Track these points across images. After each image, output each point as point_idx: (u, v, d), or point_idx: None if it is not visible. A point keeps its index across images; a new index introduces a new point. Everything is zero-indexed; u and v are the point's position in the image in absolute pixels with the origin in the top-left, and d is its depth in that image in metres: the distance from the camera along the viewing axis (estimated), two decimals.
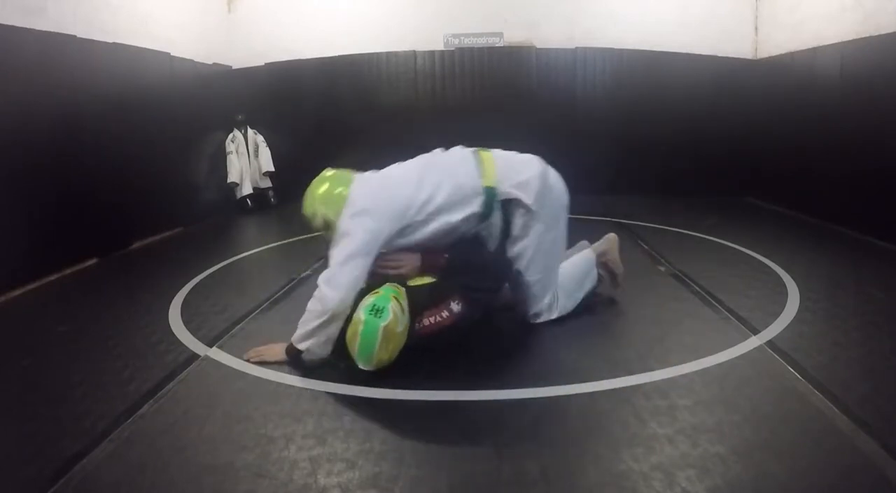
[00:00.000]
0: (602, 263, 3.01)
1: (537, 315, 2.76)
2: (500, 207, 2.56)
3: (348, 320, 2.28)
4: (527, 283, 2.67)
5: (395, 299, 2.24)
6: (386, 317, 2.16)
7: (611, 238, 3.09)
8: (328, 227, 2.48)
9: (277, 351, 2.44)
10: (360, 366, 2.23)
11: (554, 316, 2.77)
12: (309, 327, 2.30)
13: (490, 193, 2.52)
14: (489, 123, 6.68)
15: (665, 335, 2.64)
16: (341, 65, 6.67)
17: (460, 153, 2.69)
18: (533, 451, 1.76)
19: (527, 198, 2.55)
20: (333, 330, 2.30)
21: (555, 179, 2.69)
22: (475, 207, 2.50)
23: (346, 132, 6.72)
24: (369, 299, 2.22)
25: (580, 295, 2.88)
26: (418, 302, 2.35)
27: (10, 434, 1.99)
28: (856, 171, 4.61)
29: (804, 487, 1.59)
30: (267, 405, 2.08)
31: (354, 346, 2.20)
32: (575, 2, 6.61)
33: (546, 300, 2.75)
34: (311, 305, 2.33)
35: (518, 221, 2.60)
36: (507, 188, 2.55)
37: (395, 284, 2.37)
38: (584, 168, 6.58)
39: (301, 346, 2.33)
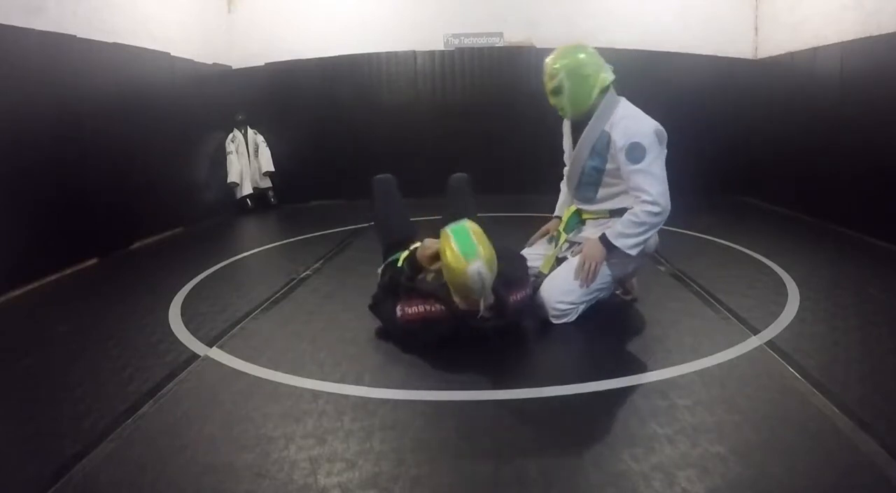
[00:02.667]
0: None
1: (560, 316, 2.75)
2: None
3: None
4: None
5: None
6: (466, 222, 2.31)
7: None
8: (558, 92, 2.78)
9: (600, 256, 2.68)
10: (471, 267, 2.19)
11: (572, 320, 2.77)
12: (645, 236, 2.66)
13: None
14: (489, 123, 6.71)
15: (665, 335, 2.64)
16: (341, 65, 6.67)
17: None
18: (533, 451, 1.77)
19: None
20: (651, 236, 2.72)
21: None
22: None
23: (345, 132, 6.73)
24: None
25: (594, 301, 2.88)
26: (508, 278, 2.45)
27: (10, 434, 1.99)
28: (856, 171, 4.61)
29: (804, 487, 1.58)
30: (267, 405, 2.08)
31: (453, 246, 2.23)
32: (575, 2, 6.61)
33: (576, 307, 2.77)
34: (647, 218, 2.63)
35: None
36: None
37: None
38: None
39: (632, 252, 2.67)
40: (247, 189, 6.52)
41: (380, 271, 2.85)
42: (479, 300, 2.30)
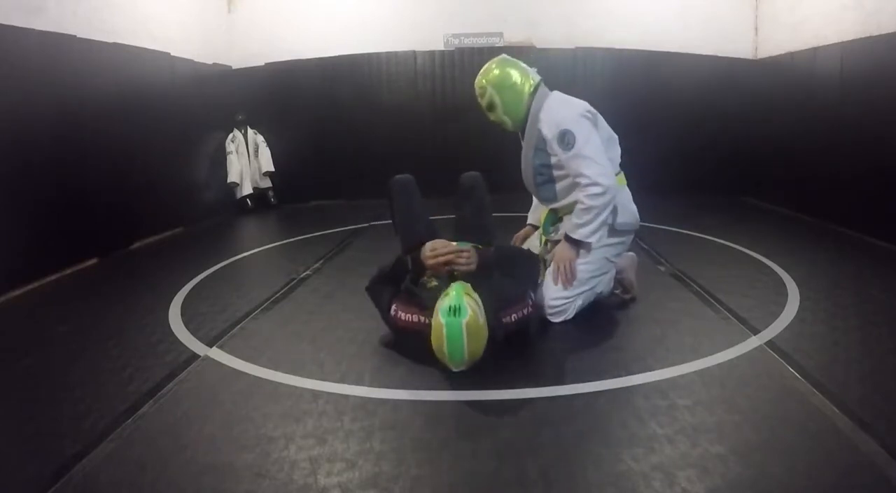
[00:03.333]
0: (618, 279, 3.04)
1: (557, 314, 2.76)
2: None
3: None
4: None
5: (467, 294, 2.22)
6: (465, 314, 2.13)
7: (631, 257, 3.12)
8: (492, 108, 2.87)
9: (569, 255, 2.73)
10: (454, 368, 2.21)
11: (570, 317, 2.78)
12: (599, 219, 2.69)
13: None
14: (489, 123, 6.69)
15: (665, 335, 2.64)
16: (341, 65, 6.67)
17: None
18: (533, 451, 1.76)
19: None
20: (607, 216, 2.72)
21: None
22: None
23: (345, 132, 6.73)
24: (443, 302, 2.19)
25: (592, 298, 2.89)
26: (501, 299, 2.40)
27: (10, 434, 1.99)
28: (856, 171, 4.61)
29: (804, 487, 1.58)
30: (267, 405, 2.08)
31: (443, 350, 2.16)
32: (575, 2, 6.61)
33: (573, 301, 2.78)
34: (592, 201, 2.65)
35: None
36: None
37: (461, 281, 2.37)
38: None
39: (592, 239, 2.71)
40: (247, 189, 6.53)
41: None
42: None
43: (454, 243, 2.66)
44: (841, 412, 1.92)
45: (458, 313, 2.12)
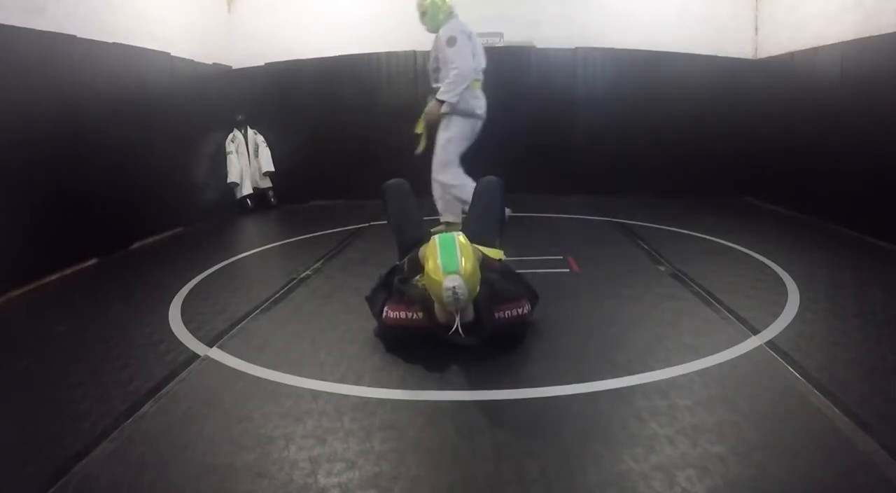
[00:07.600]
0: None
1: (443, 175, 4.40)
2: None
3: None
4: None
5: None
6: (457, 233, 2.33)
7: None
8: (423, 14, 4.45)
9: (435, 109, 4.37)
10: (447, 283, 2.16)
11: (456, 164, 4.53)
12: (457, 89, 4.27)
13: None
14: (488, 123, 6.69)
15: (665, 335, 2.64)
16: (341, 65, 6.67)
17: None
18: (533, 451, 1.77)
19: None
20: (461, 90, 4.29)
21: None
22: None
23: (346, 132, 6.72)
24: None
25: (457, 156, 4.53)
26: (497, 293, 2.45)
27: (10, 434, 1.99)
28: (855, 171, 4.61)
29: (804, 487, 1.59)
30: (267, 405, 2.08)
31: (436, 256, 2.22)
32: (575, 2, 6.60)
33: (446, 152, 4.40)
34: (454, 78, 4.24)
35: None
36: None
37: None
38: (584, 168, 6.59)
39: (452, 99, 4.28)
40: (247, 189, 6.52)
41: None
42: (454, 314, 2.30)
43: None
44: (841, 412, 1.92)
45: (451, 233, 2.34)
